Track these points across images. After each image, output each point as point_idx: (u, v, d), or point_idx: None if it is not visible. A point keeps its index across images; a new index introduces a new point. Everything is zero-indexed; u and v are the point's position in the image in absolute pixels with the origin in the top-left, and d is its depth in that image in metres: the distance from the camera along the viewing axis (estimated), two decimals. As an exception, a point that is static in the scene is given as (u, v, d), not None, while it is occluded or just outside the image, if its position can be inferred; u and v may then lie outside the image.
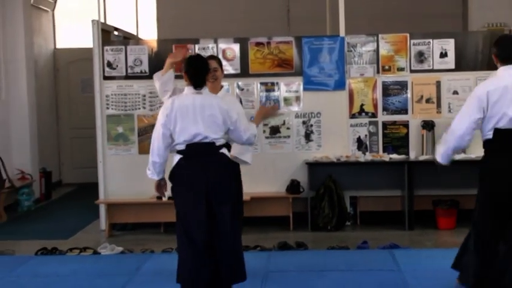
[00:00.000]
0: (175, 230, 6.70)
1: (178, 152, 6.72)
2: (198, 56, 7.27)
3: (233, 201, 6.80)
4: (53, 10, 15.24)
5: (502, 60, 6.70)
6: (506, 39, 6.88)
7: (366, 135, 10.76)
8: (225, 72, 10.44)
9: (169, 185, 6.83)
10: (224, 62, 10.50)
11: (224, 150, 6.80)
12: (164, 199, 7.41)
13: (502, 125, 6.51)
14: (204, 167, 6.66)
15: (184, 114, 6.65)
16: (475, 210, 6.95)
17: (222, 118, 6.70)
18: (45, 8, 14.80)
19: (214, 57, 7.75)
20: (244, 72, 10.80)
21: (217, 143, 6.72)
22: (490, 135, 6.63)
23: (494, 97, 6.53)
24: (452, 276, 7.60)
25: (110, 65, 10.82)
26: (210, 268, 6.57)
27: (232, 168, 7.05)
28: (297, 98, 10.78)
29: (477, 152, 10.36)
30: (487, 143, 6.69)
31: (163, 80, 7.29)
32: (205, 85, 6.79)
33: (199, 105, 6.70)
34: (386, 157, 10.62)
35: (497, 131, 6.56)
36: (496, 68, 6.98)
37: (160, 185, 6.94)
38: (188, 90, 6.75)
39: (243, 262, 6.84)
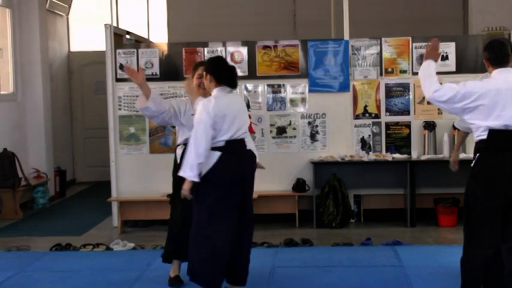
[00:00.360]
0: (194, 229, 6.74)
1: (217, 149, 6.73)
2: (222, 59, 7.44)
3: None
4: (67, 14, 15.25)
5: (494, 64, 6.60)
6: (497, 43, 6.78)
7: (369, 136, 10.72)
8: None
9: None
10: (232, 65, 10.57)
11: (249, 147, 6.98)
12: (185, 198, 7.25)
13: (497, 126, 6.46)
14: (241, 161, 6.83)
15: (230, 114, 6.72)
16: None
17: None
18: (59, 13, 14.80)
19: (203, 64, 7.48)
20: (252, 74, 10.77)
21: (245, 139, 6.89)
22: (484, 135, 6.56)
23: (491, 96, 6.49)
24: (452, 272, 7.57)
25: (122, 67, 10.79)
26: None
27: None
28: (303, 100, 10.75)
29: (477, 151, 10.40)
30: (478, 145, 6.61)
31: (158, 103, 7.30)
32: None
33: (239, 104, 6.96)
34: (389, 157, 10.58)
35: (493, 132, 6.49)
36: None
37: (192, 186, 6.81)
38: (221, 91, 6.81)
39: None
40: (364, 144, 10.73)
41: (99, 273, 8.07)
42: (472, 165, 6.42)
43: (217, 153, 6.69)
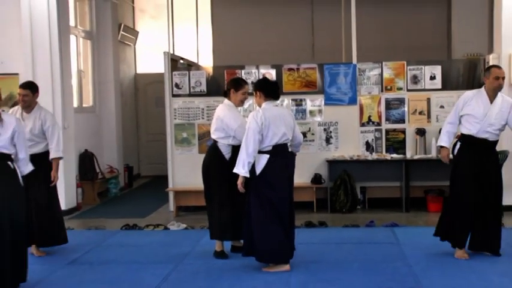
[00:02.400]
0: (255, 215, 6.76)
1: (265, 152, 6.75)
2: (268, 79, 7.49)
3: None
4: (134, 44, 15.33)
5: None
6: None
7: (372, 139, 10.65)
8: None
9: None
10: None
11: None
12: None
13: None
14: (287, 161, 6.90)
15: (274, 123, 6.73)
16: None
17: (292, 123, 6.95)
18: (128, 43, 14.89)
19: (246, 82, 7.63)
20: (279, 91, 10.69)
21: (288, 143, 6.90)
22: None
23: None
24: (439, 248, 7.53)
25: (177, 85, 10.81)
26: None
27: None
28: (320, 111, 10.69)
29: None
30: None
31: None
32: None
33: (284, 114, 6.91)
34: (388, 156, 10.52)
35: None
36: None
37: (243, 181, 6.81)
38: (269, 104, 6.84)
39: None
40: (368, 146, 10.66)
41: (158, 247, 8.12)
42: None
43: (266, 156, 6.72)
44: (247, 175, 6.67)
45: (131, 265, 7.26)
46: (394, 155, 10.54)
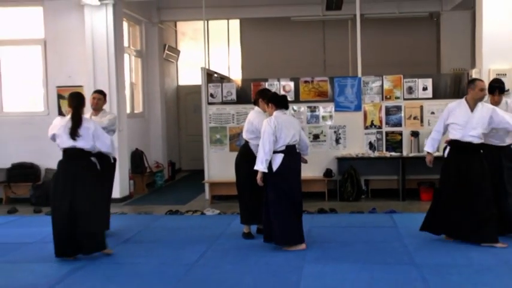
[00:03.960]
0: (273, 205, 6.82)
1: (280, 151, 6.82)
2: (277, 93, 7.70)
3: None
4: (177, 61, 15.41)
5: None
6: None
7: (374, 140, 10.60)
8: None
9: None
10: (283, 93, 10.64)
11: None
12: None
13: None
14: (296, 158, 6.95)
15: (285, 127, 6.82)
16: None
17: (299, 128, 7.06)
18: (171, 60, 14.97)
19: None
20: (297, 99, 10.72)
21: (296, 145, 6.97)
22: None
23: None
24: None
25: (211, 95, 10.85)
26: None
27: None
28: (330, 116, 10.67)
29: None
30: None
31: None
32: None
33: (292, 121, 7.08)
34: (387, 154, 10.49)
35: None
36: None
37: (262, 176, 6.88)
38: (279, 112, 6.94)
39: None
40: (371, 146, 10.61)
41: (196, 230, 8.15)
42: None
43: (281, 155, 6.80)
44: (266, 170, 6.73)
45: (174, 244, 7.31)
46: (393, 153, 10.51)
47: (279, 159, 6.80)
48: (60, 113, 10.71)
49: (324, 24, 14.66)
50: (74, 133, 6.50)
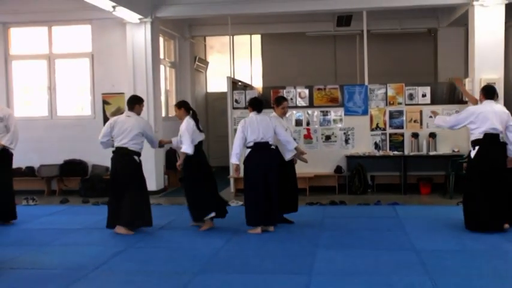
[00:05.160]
0: (245, 190, 7.21)
1: (249, 147, 7.05)
2: (258, 99, 7.81)
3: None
4: (206, 71, 15.44)
5: (485, 97, 6.80)
6: (490, 87, 6.92)
7: (379, 141, 10.56)
8: (300, 105, 10.71)
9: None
10: (299, 99, 10.67)
11: (273, 147, 7.13)
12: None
13: (488, 131, 6.60)
14: (264, 155, 7.01)
15: (254, 127, 6.99)
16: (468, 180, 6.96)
17: (272, 127, 7.06)
18: (201, 70, 15.01)
19: (285, 99, 7.79)
20: (311, 105, 10.72)
21: (270, 142, 7.05)
22: (480, 136, 6.57)
23: (483, 115, 6.56)
24: (428, 221, 7.47)
25: (236, 101, 10.90)
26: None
27: (277, 155, 7.26)
28: (340, 119, 10.64)
29: (442, 150, 10.21)
30: (477, 141, 6.68)
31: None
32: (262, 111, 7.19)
33: (264, 121, 7.07)
34: (391, 153, 10.44)
35: (485, 134, 6.56)
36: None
37: (238, 167, 7.20)
38: (254, 114, 7.13)
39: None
40: (376, 146, 10.57)
41: (223, 219, 8.13)
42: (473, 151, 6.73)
43: (248, 150, 7.06)
44: (238, 163, 7.09)
45: (200, 232, 7.33)
46: (395, 152, 10.45)
47: (246, 153, 7.09)
48: (105, 117, 10.85)
49: (335, 38, 14.62)
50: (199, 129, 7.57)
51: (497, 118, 6.60)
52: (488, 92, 6.81)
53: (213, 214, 7.35)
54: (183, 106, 7.64)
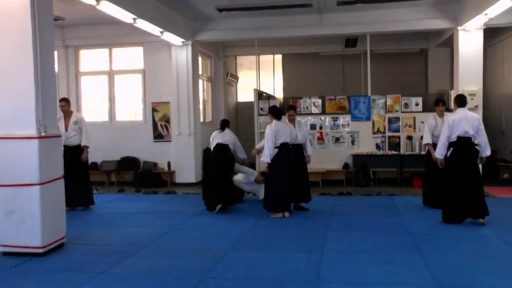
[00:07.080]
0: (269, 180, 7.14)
1: (277, 147, 7.02)
2: (276, 107, 7.66)
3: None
4: (236, 84, 15.49)
5: (458, 105, 6.59)
6: (461, 96, 6.72)
7: (380, 142, 10.49)
8: (313, 112, 10.64)
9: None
10: (314, 108, 10.63)
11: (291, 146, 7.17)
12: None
13: (460, 134, 6.41)
14: (287, 153, 7.04)
15: (280, 131, 7.03)
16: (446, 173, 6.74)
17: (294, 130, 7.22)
18: (232, 84, 15.04)
19: (293, 108, 7.68)
20: (323, 112, 10.69)
21: (288, 143, 7.13)
22: (455, 139, 6.44)
23: (457, 122, 6.36)
24: (420, 209, 7.39)
25: (261, 109, 10.91)
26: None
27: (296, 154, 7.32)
28: (348, 124, 10.59)
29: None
30: (452, 143, 6.52)
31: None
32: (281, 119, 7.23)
33: (286, 127, 7.16)
34: (389, 152, 10.35)
35: (458, 138, 6.40)
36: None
37: (269, 166, 7.07)
38: (277, 121, 7.14)
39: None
40: (377, 146, 10.50)
41: (249, 206, 8.14)
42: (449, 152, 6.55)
43: (276, 150, 7.01)
44: (268, 161, 6.99)
45: (233, 216, 7.36)
46: (393, 152, 10.36)
47: (275, 152, 7.03)
48: (154, 121, 10.97)
49: (343, 57, 14.54)
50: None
51: (469, 124, 6.45)
52: (460, 101, 6.67)
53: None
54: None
